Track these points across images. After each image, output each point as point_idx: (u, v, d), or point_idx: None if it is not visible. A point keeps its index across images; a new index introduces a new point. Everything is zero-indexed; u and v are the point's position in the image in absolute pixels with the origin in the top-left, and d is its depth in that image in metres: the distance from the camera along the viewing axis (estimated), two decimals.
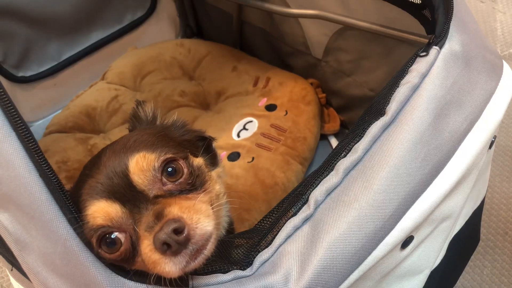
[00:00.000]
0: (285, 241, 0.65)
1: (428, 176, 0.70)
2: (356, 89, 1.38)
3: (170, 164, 0.63)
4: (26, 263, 0.61)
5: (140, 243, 0.58)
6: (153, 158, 0.62)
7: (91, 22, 1.67)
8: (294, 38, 1.48)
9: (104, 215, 0.59)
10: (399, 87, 0.74)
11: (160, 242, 0.55)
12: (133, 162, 0.61)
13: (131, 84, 1.64)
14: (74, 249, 0.59)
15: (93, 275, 0.59)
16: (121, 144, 0.67)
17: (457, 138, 0.73)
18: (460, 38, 0.78)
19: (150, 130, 0.74)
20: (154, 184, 0.62)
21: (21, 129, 0.58)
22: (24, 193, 0.57)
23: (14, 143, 0.57)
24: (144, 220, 0.58)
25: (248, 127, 1.38)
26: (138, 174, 0.61)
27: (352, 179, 0.69)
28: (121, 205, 0.59)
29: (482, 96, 0.77)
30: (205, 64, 1.66)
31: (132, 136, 0.69)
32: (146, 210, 0.59)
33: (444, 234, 0.82)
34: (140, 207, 0.59)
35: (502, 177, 1.55)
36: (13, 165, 0.57)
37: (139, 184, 0.61)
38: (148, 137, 0.68)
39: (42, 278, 0.61)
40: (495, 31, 2.08)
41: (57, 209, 0.58)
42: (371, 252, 0.66)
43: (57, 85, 1.68)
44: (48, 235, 0.59)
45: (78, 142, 1.43)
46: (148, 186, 0.61)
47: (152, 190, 0.61)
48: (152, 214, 0.58)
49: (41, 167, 0.58)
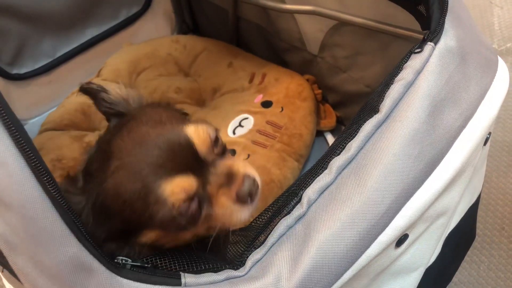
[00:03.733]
0: (277, 240, 0.65)
1: (422, 174, 0.70)
2: (352, 85, 1.37)
3: (215, 133, 0.72)
4: (15, 264, 0.61)
5: (214, 200, 0.66)
6: (209, 129, 0.70)
7: (86, 18, 1.66)
8: (290, 34, 1.47)
9: (183, 189, 0.63)
10: (393, 84, 0.73)
11: (245, 193, 0.66)
12: (196, 134, 0.67)
13: (126, 81, 1.63)
14: (73, 245, 0.58)
15: (89, 272, 0.58)
16: (154, 121, 0.69)
17: (451, 135, 0.73)
18: (455, 33, 0.78)
19: (150, 107, 0.78)
20: (211, 151, 0.69)
21: (10, 127, 0.57)
22: (16, 192, 0.56)
23: (4, 140, 0.56)
24: (213, 181, 0.66)
25: (243, 124, 1.37)
26: (202, 144, 0.67)
27: (345, 178, 0.68)
28: (194, 175, 0.64)
29: (477, 92, 0.77)
30: (201, 60, 1.65)
31: (155, 113, 0.72)
32: (210, 173, 0.67)
33: (439, 231, 0.82)
34: (203, 171, 0.66)
35: (499, 172, 1.54)
36: (5, 163, 0.56)
37: (203, 153, 0.67)
38: (159, 110, 0.74)
39: (31, 279, 0.60)
40: (492, 26, 2.07)
41: (50, 205, 0.57)
42: (364, 251, 0.65)
43: (52, 82, 1.67)
44: (36, 235, 0.58)
45: (73, 139, 1.42)
46: (208, 153, 0.68)
47: (209, 156, 0.68)
48: (221, 175, 0.67)
49: (32, 165, 0.57)
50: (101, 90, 0.80)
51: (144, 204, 0.62)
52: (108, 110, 0.79)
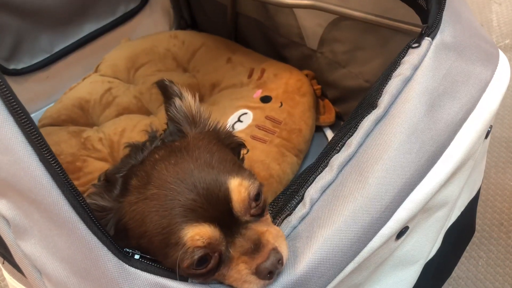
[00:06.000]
0: None
1: (424, 167, 0.70)
2: (352, 80, 1.37)
3: (258, 191, 0.67)
4: (21, 252, 0.61)
5: (232, 263, 0.62)
6: (249, 186, 0.65)
7: (84, 13, 1.64)
8: (289, 29, 1.47)
9: (204, 238, 0.60)
10: (391, 79, 0.73)
11: (267, 270, 0.61)
12: (237, 191, 0.64)
13: (124, 77, 1.63)
14: (81, 232, 0.58)
15: (97, 258, 0.59)
16: (204, 161, 0.66)
17: (453, 128, 0.73)
18: (453, 28, 0.78)
19: (208, 138, 0.74)
20: (247, 211, 0.65)
21: (19, 114, 0.57)
22: (24, 177, 0.57)
23: (12, 127, 0.57)
24: (238, 243, 0.62)
25: (242, 119, 1.37)
26: (239, 203, 0.64)
27: (347, 175, 0.69)
28: (220, 229, 0.62)
29: (478, 86, 0.77)
30: (199, 56, 1.64)
31: (207, 151, 0.69)
32: (238, 234, 0.63)
33: (439, 224, 0.82)
34: (232, 230, 0.63)
35: (498, 168, 1.55)
36: (12, 149, 0.56)
37: (237, 211, 0.64)
38: (214, 147, 0.71)
39: (41, 264, 0.60)
40: (490, 22, 2.07)
41: (59, 192, 0.57)
42: (367, 244, 0.65)
43: (50, 78, 1.66)
44: (51, 218, 0.58)
45: (71, 135, 1.41)
46: (243, 212, 0.64)
47: (244, 216, 0.65)
48: (248, 240, 0.63)
49: (40, 151, 0.57)
50: (178, 95, 0.78)
51: (163, 241, 0.61)
52: (173, 116, 0.78)
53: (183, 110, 0.77)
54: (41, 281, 0.61)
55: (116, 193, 0.70)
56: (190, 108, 0.77)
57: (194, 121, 0.77)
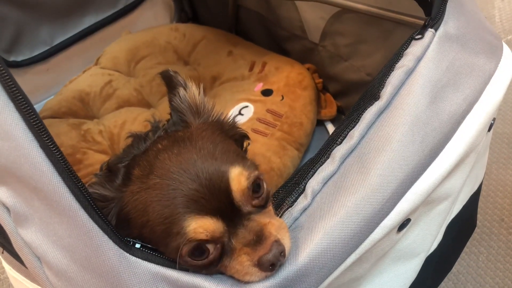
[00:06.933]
0: None
1: (427, 158, 0.69)
2: (353, 73, 1.36)
3: (256, 181, 0.66)
4: (21, 240, 0.60)
5: (234, 254, 0.62)
6: (248, 175, 0.65)
7: (84, 5, 1.64)
8: (290, 22, 1.46)
9: (207, 231, 0.60)
10: (394, 71, 0.73)
11: (269, 262, 0.60)
12: (237, 180, 0.63)
13: (125, 69, 1.62)
14: (82, 220, 0.58)
15: (98, 246, 0.58)
16: (207, 151, 0.66)
17: (456, 120, 0.72)
18: (456, 20, 0.77)
19: (211, 129, 0.73)
20: (248, 201, 0.64)
21: (19, 100, 0.56)
22: (24, 164, 0.56)
23: (12, 113, 0.56)
24: (240, 235, 0.62)
25: (243, 112, 1.36)
26: (239, 192, 0.63)
27: (349, 166, 0.68)
28: (222, 221, 0.61)
29: (481, 78, 0.76)
30: (200, 48, 1.63)
31: (211, 142, 0.68)
32: (241, 226, 0.63)
33: (441, 217, 0.82)
34: (235, 221, 0.62)
35: (499, 164, 1.54)
36: (12, 135, 0.56)
37: (238, 201, 0.63)
38: (217, 138, 0.70)
39: (41, 252, 0.59)
40: (493, 18, 2.06)
41: (60, 180, 0.57)
42: (368, 235, 0.65)
43: (50, 70, 1.65)
44: (52, 205, 0.57)
45: (71, 127, 1.41)
46: (244, 202, 0.64)
47: (246, 207, 0.64)
48: (251, 232, 0.62)
49: (41, 138, 0.57)
50: (182, 85, 0.77)
51: (165, 231, 0.61)
52: (176, 106, 0.77)
53: (187, 100, 0.76)
54: (41, 269, 0.61)
55: (118, 182, 0.69)
56: (194, 98, 0.77)
57: (198, 112, 0.76)
